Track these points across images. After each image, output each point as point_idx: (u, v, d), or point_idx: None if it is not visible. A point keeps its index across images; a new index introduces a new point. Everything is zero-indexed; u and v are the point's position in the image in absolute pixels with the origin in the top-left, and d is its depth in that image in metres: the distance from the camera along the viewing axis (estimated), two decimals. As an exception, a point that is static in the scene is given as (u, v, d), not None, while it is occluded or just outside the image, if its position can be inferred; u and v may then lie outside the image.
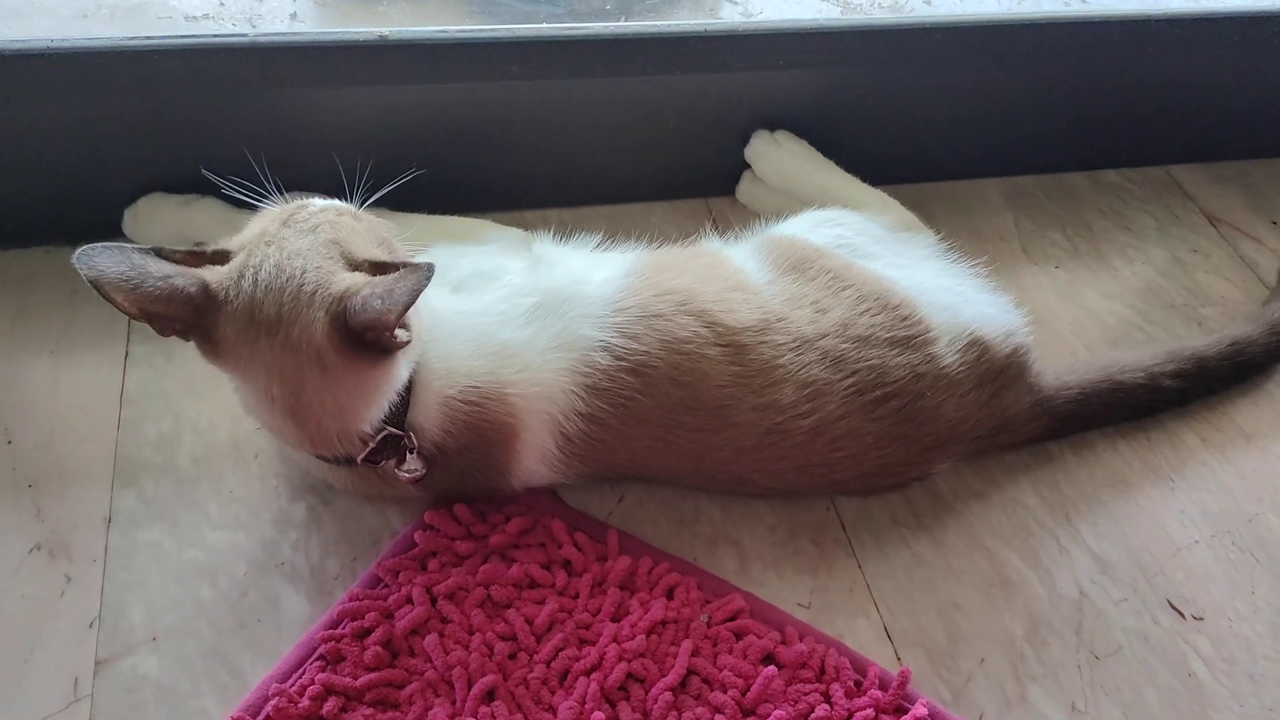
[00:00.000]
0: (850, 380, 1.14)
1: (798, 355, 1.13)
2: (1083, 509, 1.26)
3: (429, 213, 1.35)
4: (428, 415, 1.07)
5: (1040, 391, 1.25)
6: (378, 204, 1.34)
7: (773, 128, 1.52)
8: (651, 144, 1.53)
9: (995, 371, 1.21)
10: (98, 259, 0.94)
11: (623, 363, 1.11)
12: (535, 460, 1.13)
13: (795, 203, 1.46)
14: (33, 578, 1.10)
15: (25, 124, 1.32)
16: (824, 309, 1.17)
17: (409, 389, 1.06)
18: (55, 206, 1.39)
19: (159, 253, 0.98)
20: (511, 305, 1.14)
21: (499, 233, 1.34)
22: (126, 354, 1.30)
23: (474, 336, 1.11)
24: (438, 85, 1.39)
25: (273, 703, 1.00)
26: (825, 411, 1.13)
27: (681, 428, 1.13)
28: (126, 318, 1.30)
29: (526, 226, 1.44)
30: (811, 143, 1.53)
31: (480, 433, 1.09)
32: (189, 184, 1.38)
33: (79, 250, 0.93)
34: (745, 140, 1.53)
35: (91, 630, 1.07)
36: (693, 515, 1.22)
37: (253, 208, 1.33)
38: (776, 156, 1.51)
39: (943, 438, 1.19)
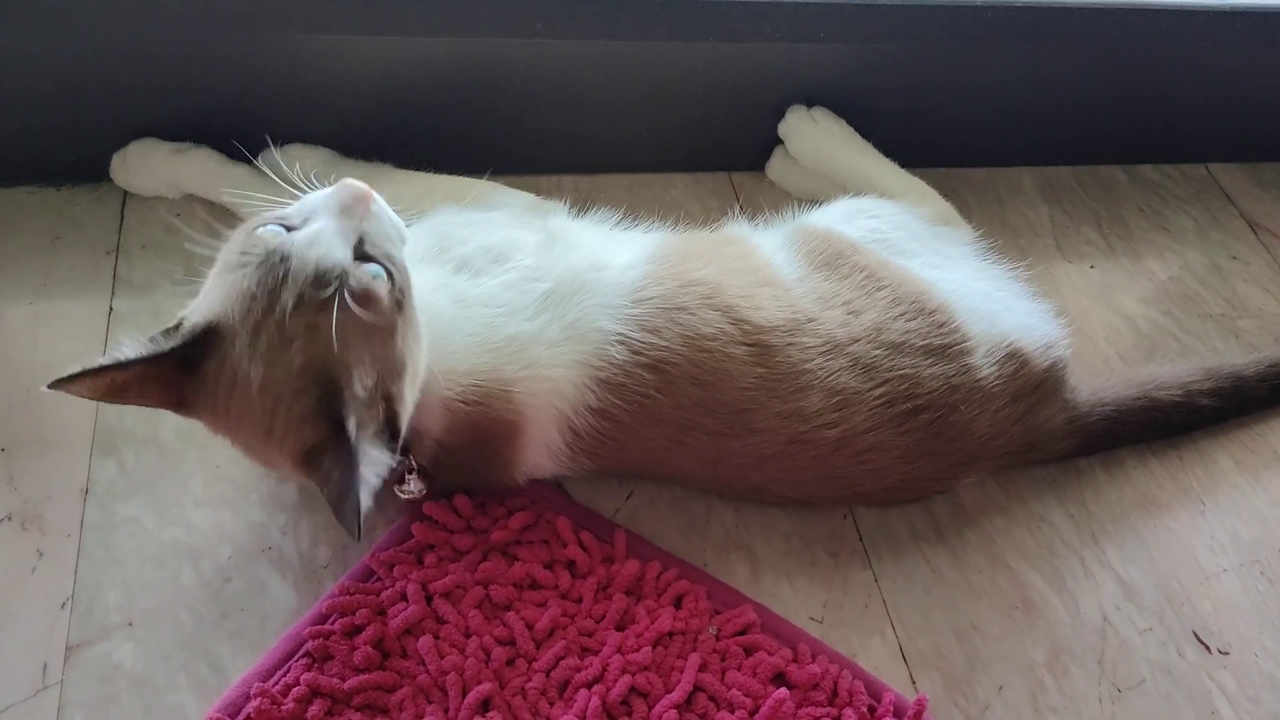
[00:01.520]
0: (881, 390, 1.07)
1: (827, 360, 1.06)
2: (1110, 530, 1.21)
3: (435, 172, 1.26)
4: (429, 418, 0.99)
5: (1076, 408, 1.19)
6: (380, 160, 1.27)
7: (808, 104, 1.44)
8: (678, 113, 1.44)
9: (1032, 386, 1.14)
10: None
11: (640, 358, 1.04)
12: (541, 455, 1.07)
13: (826, 184, 1.40)
14: (2, 551, 1.03)
15: (13, 56, 1.22)
16: (857, 310, 1.10)
17: None
18: (40, 145, 1.29)
19: (120, 365, 0.86)
20: (520, 293, 1.05)
21: (508, 197, 1.24)
22: (110, 309, 1.22)
23: (477, 330, 1.02)
24: (456, 39, 1.29)
25: (254, 703, 0.94)
26: (853, 423, 1.06)
27: (699, 430, 1.06)
28: (111, 269, 1.25)
29: (540, 193, 1.36)
30: (844, 119, 1.44)
31: (483, 430, 1.02)
32: (183, 131, 1.29)
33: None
34: (775, 115, 1.45)
35: (64, 612, 1.00)
36: (704, 518, 1.16)
37: (248, 160, 1.26)
38: (812, 134, 1.43)
39: (973, 453, 1.13)
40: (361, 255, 0.91)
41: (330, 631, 0.99)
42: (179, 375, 0.89)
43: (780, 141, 1.47)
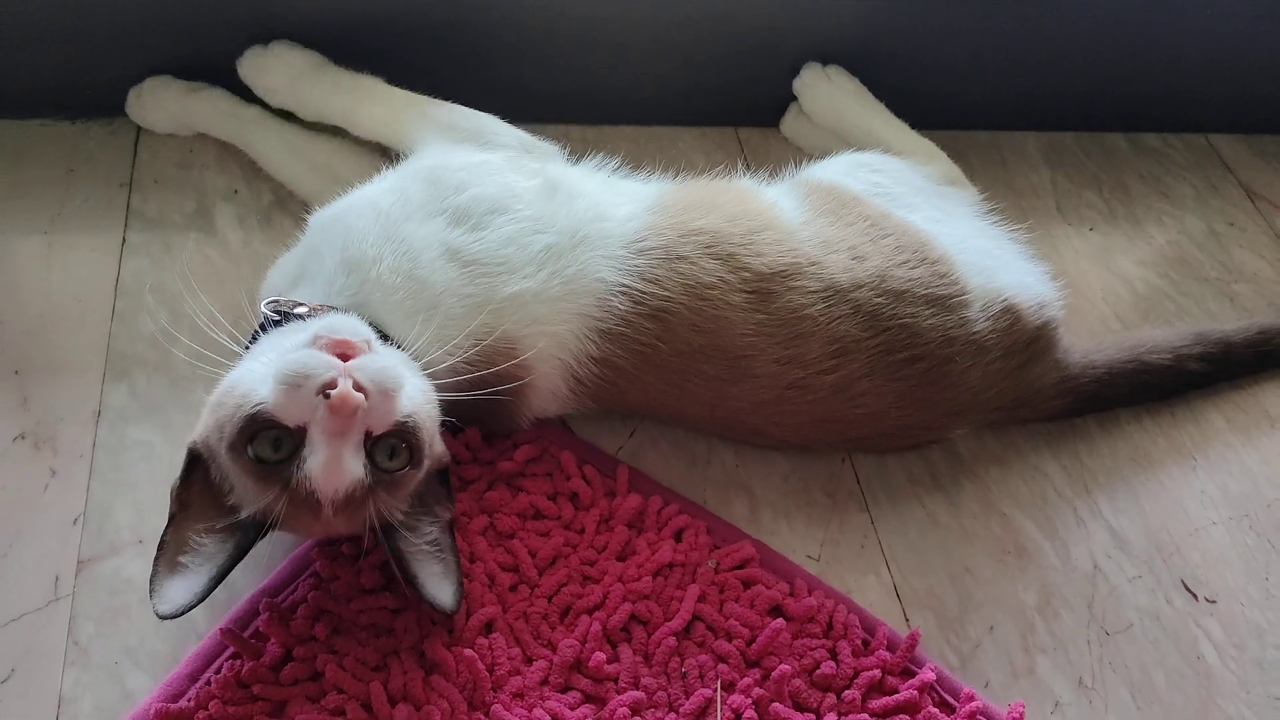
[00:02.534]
0: (880, 339, 1.08)
1: (829, 307, 1.07)
2: (1102, 481, 1.23)
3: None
4: (437, 381, 1.01)
5: (1066, 369, 1.20)
6: (373, 73, 1.25)
7: (822, 61, 1.45)
8: (688, 66, 1.45)
9: (1025, 342, 1.16)
10: (171, 595, 0.87)
11: (641, 307, 1.05)
12: (546, 401, 1.09)
13: (839, 141, 1.41)
14: (15, 468, 1.05)
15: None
16: (861, 256, 1.11)
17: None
18: (56, 78, 1.31)
19: (175, 524, 0.90)
20: (520, 248, 1.04)
21: (504, 135, 1.18)
22: (124, 240, 1.23)
23: (477, 290, 1.02)
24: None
25: (263, 617, 0.96)
26: (850, 369, 1.08)
27: (699, 376, 1.07)
28: (125, 202, 1.27)
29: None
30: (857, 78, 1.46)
31: (489, 384, 1.03)
32: (199, 70, 1.31)
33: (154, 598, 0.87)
34: (786, 71, 1.46)
35: (75, 528, 1.02)
36: (705, 457, 1.18)
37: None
38: (826, 92, 1.44)
39: (964, 404, 1.14)
40: (375, 445, 0.89)
41: (337, 553, 1.01)
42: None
43: (794, 98, 1.48)
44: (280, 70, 1.26)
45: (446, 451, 0.98)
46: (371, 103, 1.22)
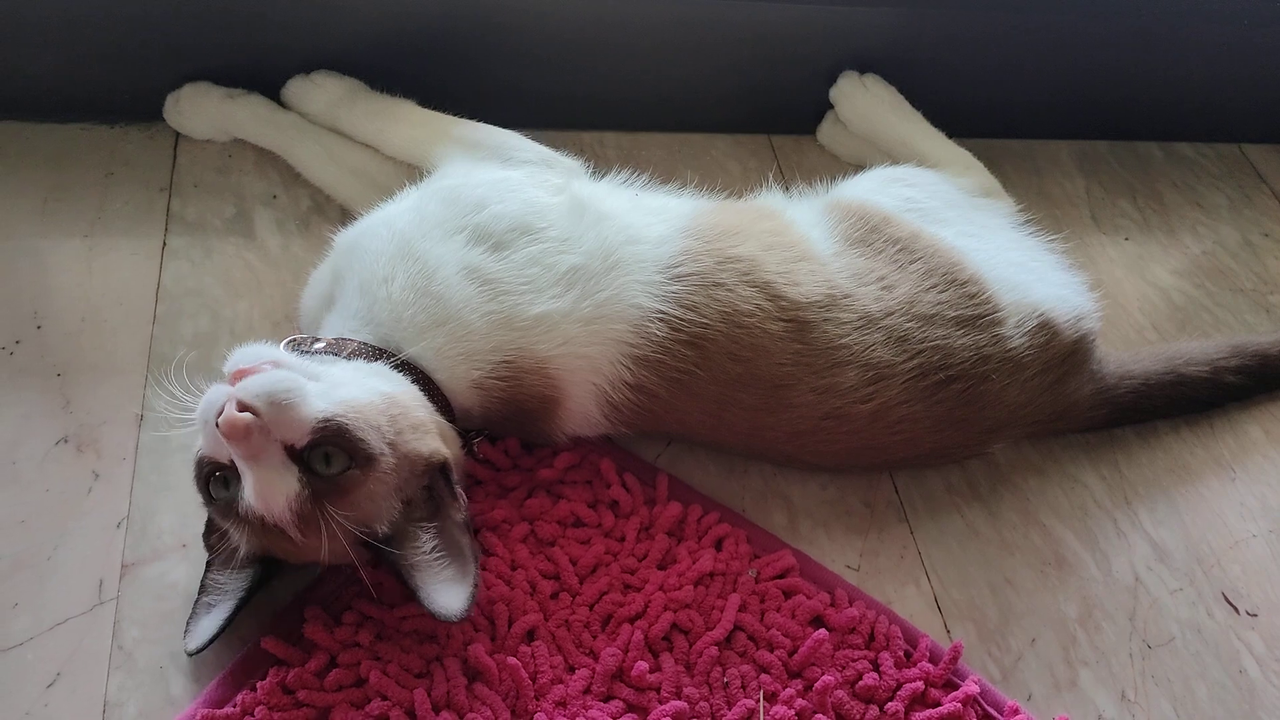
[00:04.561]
0: (914, 363, 1.07)
1: (862, 335, 1.07)
2: (1142, 493, 1.23)
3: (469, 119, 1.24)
4: (464, 399, 1.01)
5: (1103, 380, 1.20)
6: (405, 96, 1.27)
7: (858, 69, 1.45)
8: (722, 73, 1.45)
9: (1062, 356, 1.15)
10: (197, 632, 0.93)
11: (679, 334, 1.04)
12: (579, 424, 1.08)
13: (875, 150, 1.41)
14: (59, 471, 1.05)
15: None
16: (890, 285, 1.11)
17: (433, 385, 1.00)
18: (95, 82, 1.31)
19: (206, 569, 0.96)
20: (545, 269, 1.03)
21: (528, 152, 1.17)
22: (164, 244, 1.23)
23: (500, 308, 1.01)
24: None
25: (309, 624, 0.96)
26: (886, 396, 1.07)
27: (736, 405, 1.07)
28: (165, 206, 1.27)
29: (583, 149, 1.37)
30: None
31: (520, 405, 1.03)
32: (236, 76, 1.31)
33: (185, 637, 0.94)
34: (822, 79, 1.46)
35: (119, 531, 1.02)
36: (742, 465, 1.18)
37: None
38: (862, 100, 1.44)
39: (1002, 421, 1.14)
40: (310, 455, 0.88)
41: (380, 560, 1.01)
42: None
43: (830, 106, 1.48)
44: (320, 97, 1.29)
45: (440, 450, 0.95)
46: (401, 125, 1.24)
